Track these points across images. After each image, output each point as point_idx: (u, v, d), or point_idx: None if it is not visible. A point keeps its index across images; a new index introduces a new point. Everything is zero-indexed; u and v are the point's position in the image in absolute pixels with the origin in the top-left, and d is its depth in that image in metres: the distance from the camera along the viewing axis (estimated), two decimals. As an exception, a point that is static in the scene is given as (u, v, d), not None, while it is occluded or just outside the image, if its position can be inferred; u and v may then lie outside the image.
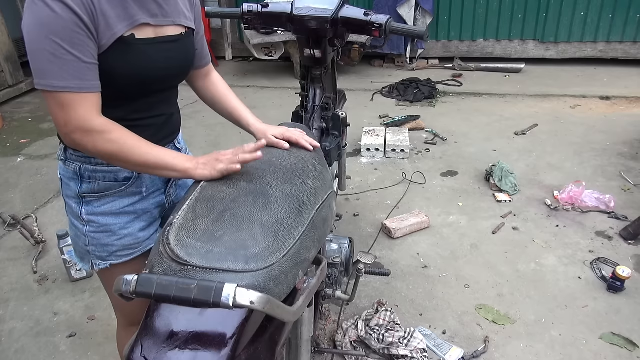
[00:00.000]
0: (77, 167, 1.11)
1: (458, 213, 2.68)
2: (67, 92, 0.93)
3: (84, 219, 1.13)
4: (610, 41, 5.06)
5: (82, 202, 1.13)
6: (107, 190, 1.13)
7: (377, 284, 2.15)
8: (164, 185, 1.23)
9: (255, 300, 0.73)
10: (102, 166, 1.10)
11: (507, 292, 2.09)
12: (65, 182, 1.14)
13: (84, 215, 1.13)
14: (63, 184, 1.16)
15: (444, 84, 4.79)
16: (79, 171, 1.11)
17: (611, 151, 3.31)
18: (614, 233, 2.45)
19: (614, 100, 4.29)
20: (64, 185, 1.15)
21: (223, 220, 0.89)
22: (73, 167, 1.11)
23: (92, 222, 1.13)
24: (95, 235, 1.14)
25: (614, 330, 1.88)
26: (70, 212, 1.17)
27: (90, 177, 1.11)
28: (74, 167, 1.11)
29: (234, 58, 5.68)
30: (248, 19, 1.59)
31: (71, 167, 1.11)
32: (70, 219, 1.18)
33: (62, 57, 0.90)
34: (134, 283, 0.74)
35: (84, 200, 1.13)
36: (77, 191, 1.12)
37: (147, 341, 0.78)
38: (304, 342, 1.23)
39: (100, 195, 1.13)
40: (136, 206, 1.17)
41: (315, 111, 1.73)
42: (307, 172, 1.12)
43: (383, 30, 1.47)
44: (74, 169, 1.11)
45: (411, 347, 1.75)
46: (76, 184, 1.12)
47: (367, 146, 3.35)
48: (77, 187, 1.12)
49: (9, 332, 1.97)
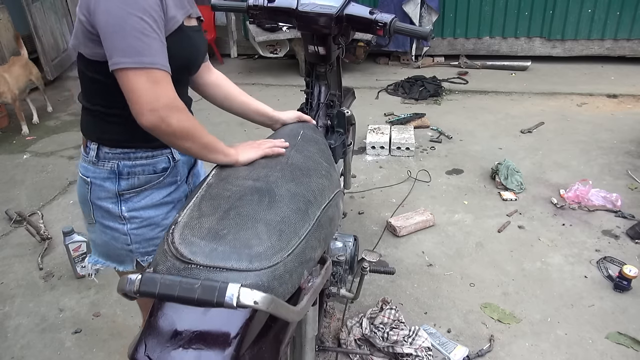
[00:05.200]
0: (113, 165, 1.10)
1: (463, 211, 2.66)
2: (157, 69, 0.94)
3: (125, 217, 1.13)
4: (618, 39, 5.01)
5: (121, 200, 1.12)
6: (147, 183, 1.14)
7: (381, 282, 2.15)
8: (187, 174, 1.26)
9: (259, 300, 0.72)
10: (141, 160, 1.12)
11: (512, 291, 2.08)
12: (98, 184, 1.12)
13: (125, 213, 1.12)
14: (93, 188, 1.12)
15: (449, 81, 4.77)
16: (117, 169, 1.10)
17: (618, 149, 3.29)
18: (621, 232, 2.43)
19: (621, 98, 4.25)
20: (95, 188, 1.12)
21: (228, 218, 0.89)
22: (109, 166, 1.10)
23: (134, 218, 1.13)
24: (138, 232, 1.14)
25: (621, 330, 1.86)
26: (101, 216, 1.14)
27: (129, 173, 1.12)
28: (110, 166, 1.10)
29: (238, 55, 5.67)
30: (253, 13, 1.59)
31: (107, 167, 1.11)
32: (101, 224, 1.15)
33: (150, 35, 0.93)
34: (138, 282, 0.74)
35: (123, 198, 1.12)
36: (116, 190, 1.11)
37: (150, 340, 0.78)
38: (308, 341, 1.23)
39: (140, 190, 1.13)
40: (173, 195, 1.19)
41: (320, 108, 1.72)
42: (314, 171, 1.11)
43: (387, 29, 1.46)
44: (110, 167, 1.10)
45: (416, 346, 1.74)
46: (113, 182, 1.11)
47: (372, 144, 3.34)
48: (115, 185, 1.11)
49: (15, 328, 1.98)
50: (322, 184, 1.08)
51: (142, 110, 0.96)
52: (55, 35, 5.23)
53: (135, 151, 1.11)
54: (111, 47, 0.92)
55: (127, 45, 0.91)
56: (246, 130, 3.70)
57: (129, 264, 1.19)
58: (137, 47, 0.91)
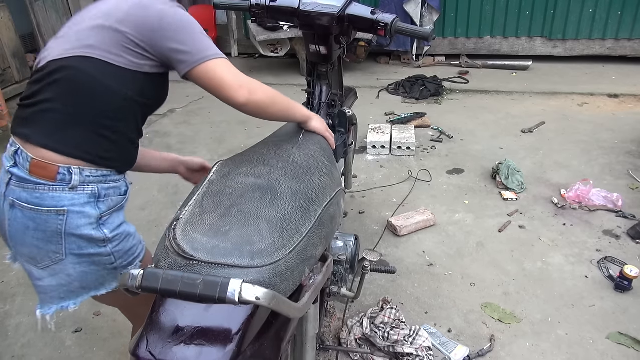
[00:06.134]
0: (94, 188, 1.08)
1: (464, 211, 2.66)
2: (226, 58, 1.13)
3: (109, 238, 1.10)
4: (619, 38, 5.01)
5: (101, 223, 1.09)
6: (117, 204, 1.14)
7: (382, 281, 2.14)
8: None
9: (260, 296, 0.73)
10: (112, 182, 1.12)
11: (513, 291, 2.08)
12: (77, 212, 1.05)
13: (109, 234, 1.10)
14: (70, 217, 1.04)
15: (450, 81, 4.77)
16: (98, 191, 1.09)
17: (619, 149, 3.28)
18: (622, 232, 2.43)
19: (622, 98, 4.25)
20: (74, 216, 1.05)
21: (230, 215, 0.89)
22: (90, 190, 1.07)
23: (116, 236, 1.12)
24: (119, 247, 1.13)
25: (621, 330, 1.86)
26: (78, 247, 1.07)
27: (105, 195, 1.11)
28: (91, 189, 1.08)
29: (239, 55, 5.67)
30: (255, 12, 1.59)
31: (87, 190, 1.07)
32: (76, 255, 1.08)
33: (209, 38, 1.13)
34: (140, 278, 0.74)
35: (102, 221, 1.10)
36: (99, 213, 1.08)
37: (152, 336, 0.78)
38: (309, 339, 1.23)
39: (113, 211, 1.13)
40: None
41: (322, 108, 1.72)
42: (315, 169, 1.11)
43: (389, 29, 1.46)
44: (90, 191, 1.08)
45: (416, 345, 1.74)
46: (93, 206, 1.08)
47: (372, 143, 3.34)
48: (95, 209, 1.08)
49: (16, 326, 1.98)
50: (323, 182, 1.08)
51: (233, 89, 1.09)
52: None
53: (110, 173, 1.12)
54: (191, 47, 1.07)
55: (205, 45, 1.09)
56: (247, 129, 3.70)
57: (111, 283, 1.15)
58: (210, 43, 1.10)
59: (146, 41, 1.06)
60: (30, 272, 1.13)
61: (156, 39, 1.05)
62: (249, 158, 1.13)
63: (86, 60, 1.04)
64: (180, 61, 1.08)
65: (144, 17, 1.05)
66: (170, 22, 1.06)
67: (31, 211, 1.04)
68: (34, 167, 1.04)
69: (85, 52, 1.05)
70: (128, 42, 1.05)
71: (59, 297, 1.13)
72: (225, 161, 1.13)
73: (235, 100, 1.11)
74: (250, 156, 1.15)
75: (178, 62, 1.08)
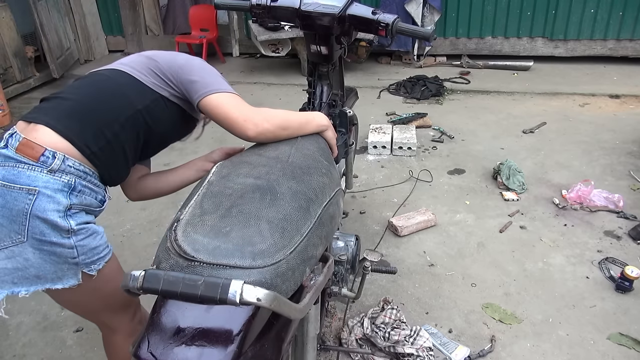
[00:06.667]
0: (71, 179, 1.09)
1: (465, 211, 2.66)
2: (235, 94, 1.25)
3: (74, 229, 1.09)
4: (621, 39, 5.00)
5: (68, 214, 1.09)
6: (89, 205, 1.14)
7: (383, 281, 2.15)
8: None
9: (262, 297, 0.73)
10: (90, 184, 1.14)
11: (514, 291, 2.08)
12: (48, 195, 1.06)
13: (75, 226, 1.09)
14: (39, 198, 1.05)
15: (451, 81, 4.77)
16: (74, 183, 1.10)
17: (620, 150, 3.28)
18: (623, 233, 2.43)
19: (623, 98, 4.24)
20: (43, 198, 1.05)
21: (230, 216, 0.89)
22: (66, 179, 1.08)
23: (81, 230, 1.11)
24: (84, 242, 1.12)
25: (622, 331, 1.86)
26: (40, 232, 1.06)
27: (80, 191, 1.11)
28: (68, 179, 1.09)
29: (240, 54, 5.67)
30: (256, 12, 1.59)
31: (63, 179, 1.08)
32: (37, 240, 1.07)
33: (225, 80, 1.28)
34: (141, 279, 0.74)
35: (70, 213, 1.09)
36: (69, 202, 1.08)
37: (154, 337, 0.78)
38: (310, 339, 1.23)
39: (83, 209, 1.13)
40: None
41: (322, 108, 1.72)
42: (314, 169, 1.11)
43: (390, 30, 1.46)
44: (67, 180, 1.08)
45: (417, 346, 1.74)
46: (64, 195, 1.08)
47: (373, 143, 3.34)
48: (67, 198, 1.08)
49: (17, 326, 1.98)
50: (322, 182, 1.08)
51: (238, 123, 1.20)
52: (59, 34, 5.24)
53: (92, 173, 1.14)
54: (209, 82, 1.22)
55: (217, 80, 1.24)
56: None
57: (70, 279, 1.13)
58: (222, 82, 1.25)
59: (172, 72, 1.24)
60: None
61: (180, 73, 1.24)
62: (248, 159, 1.13)
63: (115, 71, 1.23)
64: (194, 91, 1.23)
65: (174, 56, 1.29)
66: (194, 64, 1.27)
67: (4, 187, 1.06)
68: (22, 145, 1.08)
69: (117, 66, 1.24)
70: (156, 68, 1.24)
71: (11, 281, 1.11)
72: (224, 162, 1.13)
73: (243, 134, 1.21)
74: (249, 157, 1.15)
75: (192, 92, 1.23)
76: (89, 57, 5.91)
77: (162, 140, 1.33)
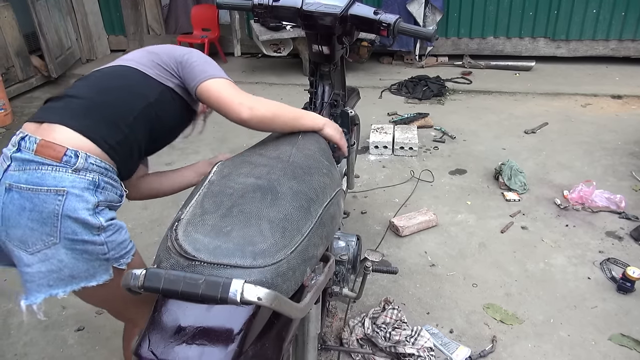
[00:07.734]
0: (95, 176, 1.10)
1: (466, 212, 2.66)
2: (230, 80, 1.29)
3: (103, 226, 1.10)
4: (623, 39, 4.99)
5: (97, 211, 1.10)
6: (112, 201, 1.16)
7: (384, 281, 2.14)
8: None
9: (262, 297, 0.73)
10: (111, 180, 1.15)
11: (515, 292, 2.08)
12: (77, 194, 1.07)
13: (104, 222, 1.10)
14: (69, 198, 1.05)
15: (453, 81, 4.76)
16: (98, 180, 1.11)
17: (622, 151, 3.28)
18: (625, 233, 2.43)
19: (625, 99, 4.24)
20: (72, 198, 1.06)
21: (231, 215, 0.89)
22: (91, 177, 1.10)
23: (110, 226, 1.12)
24: (112, 237, 1.13)
25: (624, 332, 1.86)
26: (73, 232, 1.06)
27: (103, 188, 1.13)
28: (92, 177, 1.10)
29: (242, 54, 5.67)
30: (258, 12, 1.59)
31: (88, 177, 1.09)
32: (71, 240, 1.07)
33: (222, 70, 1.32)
34: (142, 277, 0.74)
35: (98, 210, 1.10)
36: (96, 200, 1.10)
37: (154, 336, 0.78)
38: (311, 339, 1.23)
39: (108, 205, 1.15)
40: None
41: (324, 108, 1.72)
42: (315, 169, 1.11)
43: (391, 30, 1.46)
44: (91, 178, 1.10)
45: (418, 346, 1.74)
46: (92, 193, 1.09)
47: (375, 144, 3.34)
48: (94, 196, 1.10)
49: (18, 325, 1.99)
50: (323, 182, 1.08)
51: (233, 106, 1.22)
52: (60, 34, 5.24)
53: (111, 169, 1.16)
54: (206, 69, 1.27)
55: (215, 69, 1.28)
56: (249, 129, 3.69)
57: (102, 275, 1.13)
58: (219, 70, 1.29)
59: (173, 62, 1.28)
60: (20, 259, 1.12)
61: (181, 62, 1.29)
62: (249, 159, 1.13)
63: (121, 67, 1.26)
64: (191, 78, 1.27)
65: (173, 47, 1.34)
66: (194, 54, 1.31)
67: (29, 191, 1.05)
68: (41, 147, 1.08)
69: (120, 62, 1.28)
70: (159, 59, 1.28)
71: (47, 284, 1.12)
72: (225, 162, 1.13)
73: (236, 116, 1.24)
74: (250, 157, 1.15)
75: (190, 80, 1.27)
76: (90, 57, 5.92)
77: (170, 132, 1.36)
